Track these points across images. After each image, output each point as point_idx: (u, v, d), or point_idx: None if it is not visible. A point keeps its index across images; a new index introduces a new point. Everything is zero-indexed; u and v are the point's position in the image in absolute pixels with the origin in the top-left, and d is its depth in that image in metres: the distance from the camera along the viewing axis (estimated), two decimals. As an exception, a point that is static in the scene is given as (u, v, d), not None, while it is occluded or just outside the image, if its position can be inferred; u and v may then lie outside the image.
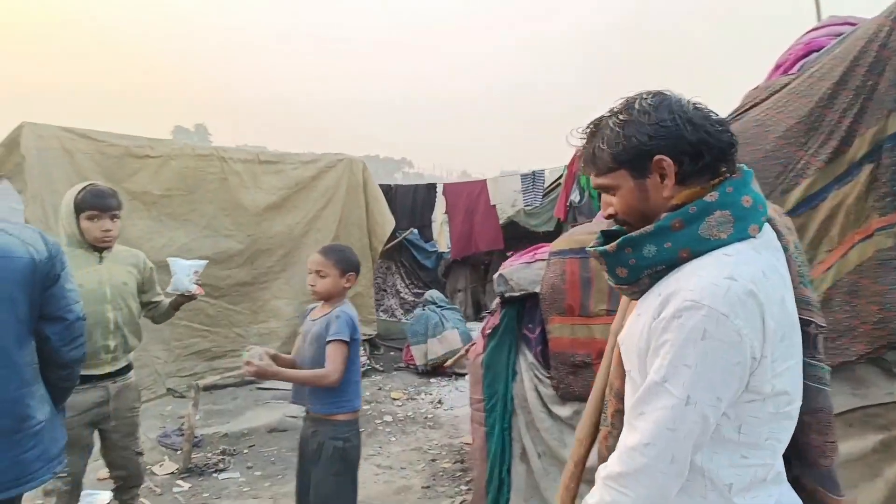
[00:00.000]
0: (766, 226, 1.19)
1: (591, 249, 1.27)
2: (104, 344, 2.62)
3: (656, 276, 1.17)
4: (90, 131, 4.84)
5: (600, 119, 1.24)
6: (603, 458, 1.34)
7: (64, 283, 1.89)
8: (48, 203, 4.43)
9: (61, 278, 1.88)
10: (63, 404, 2.07)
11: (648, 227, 1.15)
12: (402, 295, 8.72)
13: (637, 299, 1.24)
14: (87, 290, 2.53)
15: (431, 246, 8.72)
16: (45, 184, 4.45)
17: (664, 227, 1.14)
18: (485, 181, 8.28)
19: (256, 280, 6.11)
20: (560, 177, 8.14)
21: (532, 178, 8.01)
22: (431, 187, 8.40)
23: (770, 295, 1.08)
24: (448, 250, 8.60)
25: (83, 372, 2.57)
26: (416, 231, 8.43)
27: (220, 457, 3.96)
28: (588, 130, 1.25)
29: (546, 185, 8.05)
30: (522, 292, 2.81)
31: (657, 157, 1.15)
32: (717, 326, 1.04)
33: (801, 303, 1.22)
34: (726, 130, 1.18)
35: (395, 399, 5.43)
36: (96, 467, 3.86)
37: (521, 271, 2.84)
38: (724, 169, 1.18)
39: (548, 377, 2.77)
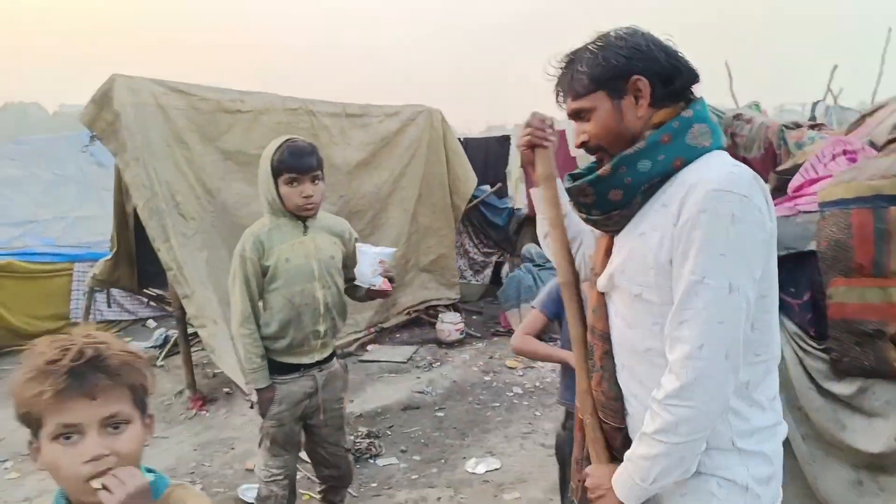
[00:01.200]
0: None
1: (574, 184, 1.28)
2: (314, 329, 2.30)
3: (649, 192, 1.21)
4: (181, 84, 4.40)
5: (576, 49, 1.29)
6: (600, 404, 1.34)
7: None
8: (150, 165, 4.03)
9: None
10: None
11: (641, 144, 1.20)
12: (471, 255, 8.36)
13: (618, 230, 1.26)
14: (295, 266, 2.21)
15: (503, 203, 8.31)
16: (144, 144, 4.04)
17: (656, 142, 1.20)
18: (563, 131, 7.79)
19: (346, 244, 5.74)
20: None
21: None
22: (504, 140, 7.95)
23: (765, 187, 1.17)
24: (522, 207, 8.19)
25: (291, 360, 2.26)
26: (486, 187, 8.02)
27: (368, 440, 3.67)
28: (566, 59, 1.30)
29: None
30: (788, 251, 2.44)
31: (634, 76, 1.22)
32: (742, 208, 1.09)
33: None
34: (689, 62, 1.26)
35: (511, 368, 5.12)
36: (232, 459, 3.58)
37: (781, 227, 2.46)
38: (687, 96, 1.26)
39: (820, 349, 2.42)
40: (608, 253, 1.32)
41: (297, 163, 2.23)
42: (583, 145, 1.30)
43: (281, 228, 2.25)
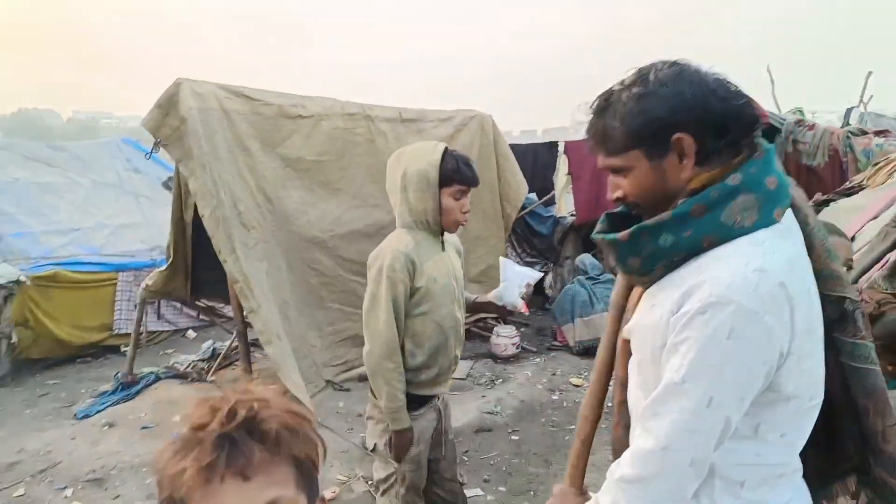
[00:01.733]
0: (788, 210, 1.11)
1: (599, 237, 1.20)
2: (455, 354, 2.14)
3: (673, 266, 1.09)
4: (244, 88, 4.28)
5: (610, 92, 1.14)
6: (614, 449, 1.31)
7: None
8: (215, 173, 3.89)
9: None
10: None
11: (665, 215, 1.07)
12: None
13: (647, 287, 1.17)
14: (442, 287, 2.03)
15: (547, 211, 8.14)
16: (210, 150, 3.90)
17: (684, 214, 1.06)
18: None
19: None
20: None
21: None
22: (552, 146, 7.79)
23: (798, 286, 1.04)
24: (566, 215, 8.00)
25: (430, 392, 2.09)
26: (533, 196, 7.85)
27: (449, 466, 3.48)
28: (597, 105, 1.15)
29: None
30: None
31: (677, 135, 1.07)
32: (745, 324, 0.99)
33: (832, 278, 1.16)
34: (749, 104, 1.10)
35: (576, 386, 4.93)
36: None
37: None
38: (744, 149, 1.10)
39: None
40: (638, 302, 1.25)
41: (469, 174, 2.09)
42: (619, 200, 1.20)
43: (422, 244, 2.08)
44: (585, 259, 6.32)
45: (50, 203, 6.43)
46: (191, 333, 6.87)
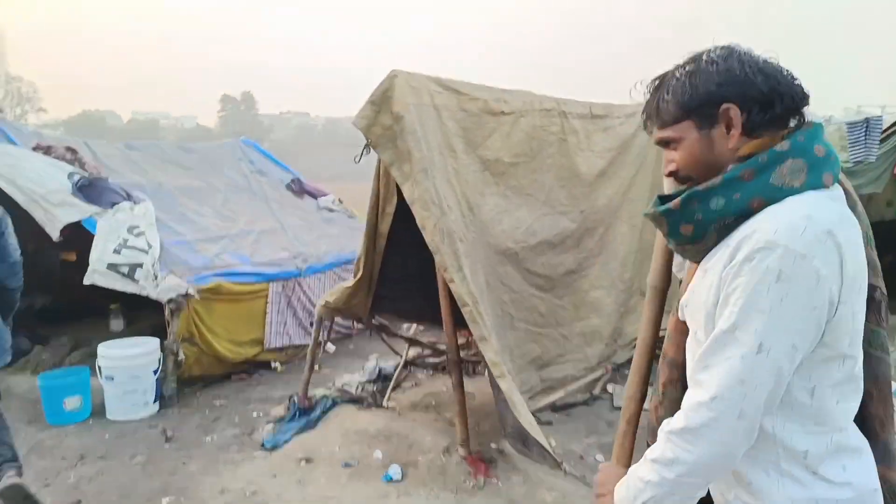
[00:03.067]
0: (837, 184, 1.18)
1: (650, 211, 1.26)
2: None
3: (724, 231, 1.16)
4: (452, 81, 3.89)
5: (665, 73, 1.25)
6: (653, 429, 1.33)
7: (8, 237, 3.12)
8: (436, 179, 3.50)
9: (5, 235, 3.10)
10: (8, 317, 3.24)
11: (716, 179, 1.16)
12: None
13: (700, 260, 1.24)
14: None
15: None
16: (428, 153, 3.52)
17: (733, 178, 1.14)
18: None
19: (580, 266, 5.10)
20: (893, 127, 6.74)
21: (865, 127, 6.60)
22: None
23: (848, 238, 1.08)
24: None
25: None
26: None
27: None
28: (654, 84, 1.27)
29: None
30: None
31: (724, 105, 1.16)
32: (793, 267, 1.02)
33: (870, 265, 1.21)
34: (799, 84, 1.19)
35: None
36: None
37: None
38: (792, 122, 1.18)
39: None
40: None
41: None
42: (672, 174, 1.27)
43: None
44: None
45: (194, 208, 6.26)
46: (330, 347, 6.61)
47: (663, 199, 1.29)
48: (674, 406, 1.26)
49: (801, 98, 1.18)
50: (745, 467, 1.16)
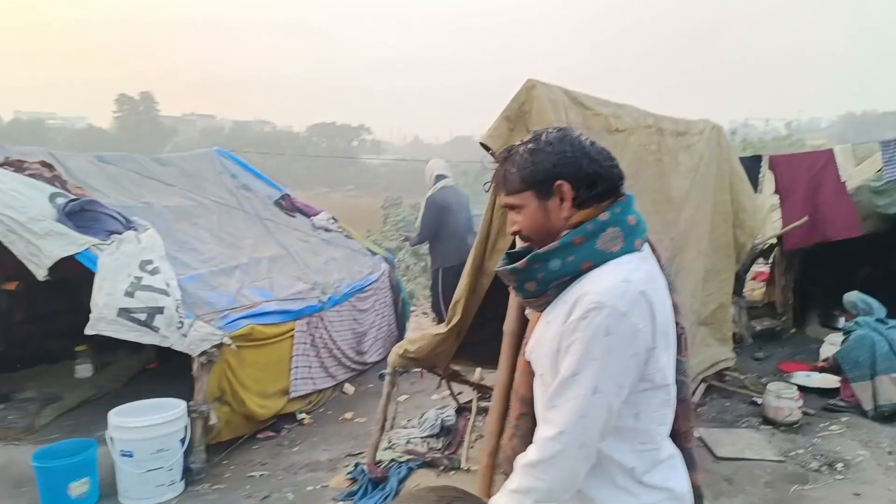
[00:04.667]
0: (646, 244, 1.52)
1: (501, 268, 1.53)
2: None
3: (562, 287, 1.42)
4: (579, 94, 3.37)
5: (513, 147, 1.53)
6: (508, 458, 1.61)
7: None
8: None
9: None
10: None
11: (554, 244, 1.42)
12: (694, 298, 7.34)
13: (542, 310, 1.50)
14: None
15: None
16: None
17: (568, 244, 1.41)
18: (831, 151, 6.89)
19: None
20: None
21: (899, 145, 6.58)
22: (755, 161, 6.96)
23: (657, 294, 1.39)
24: (765, 239, 7.18)
25: None
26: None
27: None
28: (503, 156, 1.54)
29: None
30: None
31: (558, 181, 1.44)
32: (617, 323, 1.30)
33: (674, 308, 1.54)
34: (617, 165, 1.50)
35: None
36: None
37: None
38: (612, 196, 1.48)
39: None
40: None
41: None
42: (516, 233, 1.54)
43: None
44: (858, 298, 5.46)
45: (191, 233, 5.44)
46: (349, 388, 5.95)
47: (511, 256, 1.57)
48: (526, 436, 1.50)
49: (618, 178, 1.49)
50: (588, 485, 1.40)
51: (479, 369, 4.85)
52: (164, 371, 6.21)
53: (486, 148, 3.00)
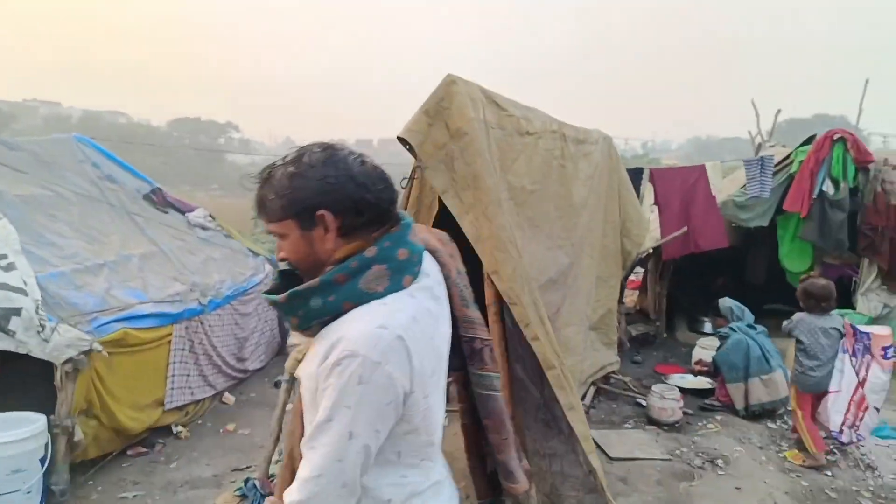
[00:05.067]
0: (425, 264, 1.44)
1: (266, 297, 1.44)
2: None
3: (325, 324, 1.35)
4: (495, 94, 3.35)
5: (273, 166, 1.39)
6: (280, 483, 1.68)
7: None
8: (504, 215, 2.94)
9: None
10: None
11: (314, 282, 1.33)
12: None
13: (312, 337, 1.40)
14: None
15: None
16: (497, 181, 2.95)
17: (328, 282, 1.33)
18: (703, 166, 7.40)
19: (561, 303, 4.79)
20: (786, 161, 7.46)
21: (760, 165, 7.21)
22: (637, 173, 7.32)
23: (419, 337, 1.33)
24: (646, 248, 7.58)
25: None
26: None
27: None
28: (262, 177, 1.40)
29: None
30: None
31: (320, 211, 1.33)
32: (371, 373, 1.25)
33: (466, 322, 1.61)
34: (388, 188, 1.40)
35: (803, 465, 4.41)
36: None
37: None
38: (384, 224, 1.39)
39: None
40: None
41: None
42: (283, 260, 1.42)
43: None
44: (731, 304, 5.87)
45: (49, 226, 4.87)
46: (229, 397, 5.58)
47: (282, 273, 1.46)
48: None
49: (388, 204, 1.39)
50: None
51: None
52: (6, 379, 5.52)
53: (404, 143, 2.90)
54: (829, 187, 6.93)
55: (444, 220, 3.18)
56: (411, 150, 2.89)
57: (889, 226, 7.08)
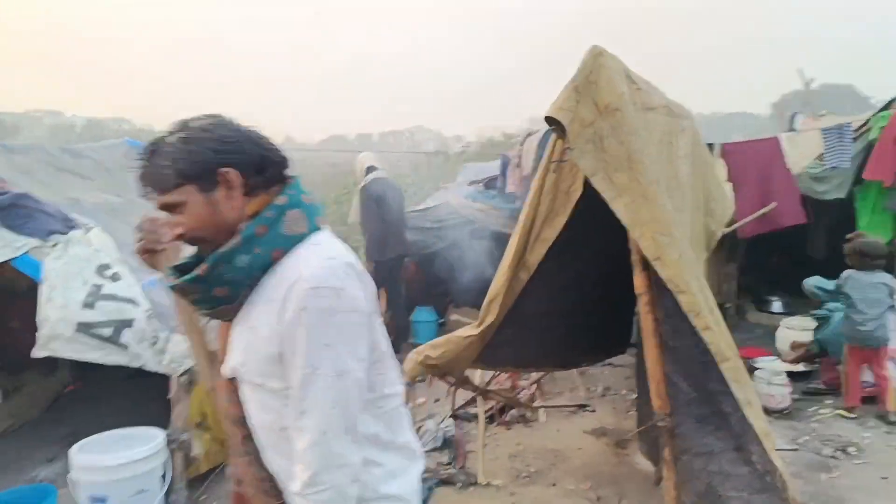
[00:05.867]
0: None
1: (175, 282, 1.35)
2: None
3: (255, 284, 1.31)
4: (626, 67, 3.12)
5: (158, 139, 1.34)
6: (255, 486, 1.45)
7: None
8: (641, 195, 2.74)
9: None
10: None
11: (236, 239, 1.28)
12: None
13: (231, 319, 1.38)
14: None
15: (687, 224, 7.43)
16: (633, 156, 2.75)
17: (250, 236, 1.29)
18: (776, 138, 7.12)
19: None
20: (863, 127, 7.17)
21: (839, 134, 6.93)
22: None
23: (358, 264, 1.34)
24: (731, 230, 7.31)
25: None
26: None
27: None
28: (148, 151, 1.34)
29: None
30: None
31: (223, 169, 1.30)
32: (339, 300, 1.24)
33: None
34: (279, 149, 1.41)
35: None
36: None
37: None
38: (281, 181, 1.39)
39: None
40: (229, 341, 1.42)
41: None
42: (180, 237, 1.35)
43: None
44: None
45: (130, 233, 4.71)
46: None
47: (178, 269, 1.40)
48: (258, 459, 1.42)
49: (285, 160, 1.40)
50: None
51: (479, 372, 4.52)
52: (88, 393, 5.44)
53: (552, 123, 2.71)
54: (914, 153, 6.63)
55: (586, 208, 3.00)
56: (559, 130, 2.69)
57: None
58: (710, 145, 7.29)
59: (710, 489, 3.07)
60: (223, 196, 1.30)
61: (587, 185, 2.89)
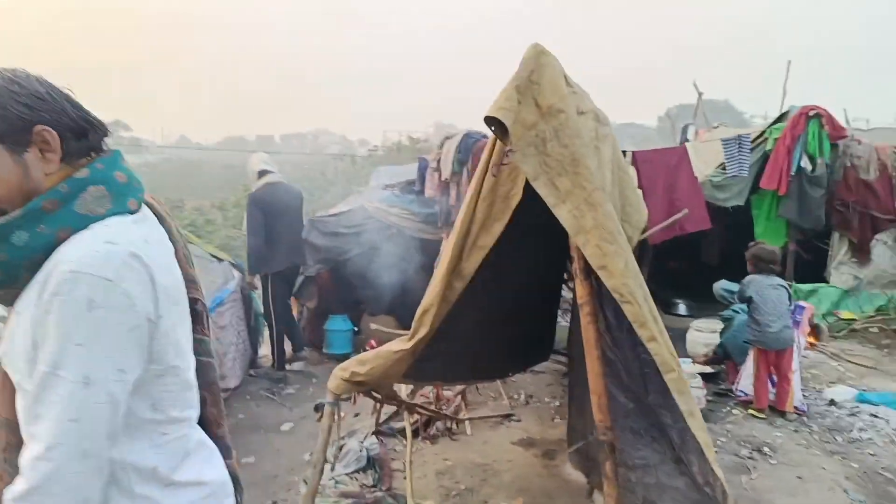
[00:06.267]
0: (145, 207, 1.28)
1: None
2: None
3: (35, 267, 1.12)
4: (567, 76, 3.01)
5: None
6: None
7: None
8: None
9: None
10: None
11: (15, 213, 1.12)
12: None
13: (11, 304, 1.19)
14: None
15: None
16: (577, 160, 2.64)
17: (35, 210, 1.12)
18: (684, 147, 7.35)
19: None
20: (759, 139, 7.52)
21: (738, 144, 7.26)
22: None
23: (155, 259, 1.15)
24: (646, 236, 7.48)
25: None
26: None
27: None
28: None
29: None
30: None
31: (38, 127, 1.14)
32: (104, 294, 1.05)
33: (189, 282, 1.34)
34: (97, 116, 1.24)
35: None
36: None
37: None
38: (95, 152, 1.24)
39: None
40: None
41: None
42: None
43: None
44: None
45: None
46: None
47: None
48: (13, 472, 1.19)
49: (105, 129, 1.25)
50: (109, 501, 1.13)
51: (403, 386, 4.30)
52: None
53: (492, 123, 2.55)
54: (807, 164, 7.03)
55: (525, 214, 2.87)
56: (501, 131, 2.54)
57: (858, 201, 7.29)
58: (624, 153, 7.45)
59: (647, 502, 3.02)
60: (36, 158, 1.15)
61: (527, 189, 2.75)
